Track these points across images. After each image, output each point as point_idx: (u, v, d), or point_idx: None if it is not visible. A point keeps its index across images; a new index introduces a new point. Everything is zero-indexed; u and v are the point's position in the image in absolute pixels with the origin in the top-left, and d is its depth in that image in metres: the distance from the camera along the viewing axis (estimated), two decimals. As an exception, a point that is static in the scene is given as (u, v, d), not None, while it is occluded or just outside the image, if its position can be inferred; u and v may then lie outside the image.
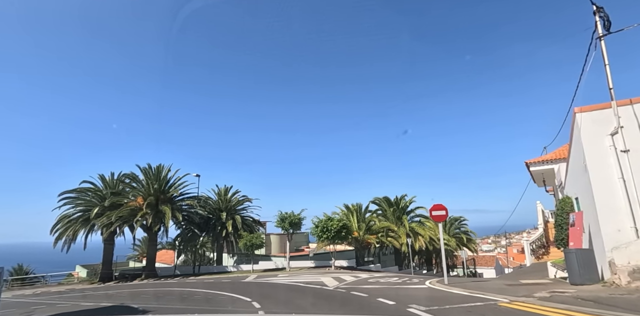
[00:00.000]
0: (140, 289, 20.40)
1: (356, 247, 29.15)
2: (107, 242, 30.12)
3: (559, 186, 18.05)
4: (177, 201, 30.68)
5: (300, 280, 17.50)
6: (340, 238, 24.45)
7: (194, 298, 13.40)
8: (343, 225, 24.43)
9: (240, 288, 16.06)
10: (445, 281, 12.27)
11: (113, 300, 14.92)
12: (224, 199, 33.76)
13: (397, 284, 13.94)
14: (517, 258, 70.66)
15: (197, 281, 22.46)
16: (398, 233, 29.10)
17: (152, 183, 29.15)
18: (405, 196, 32.67)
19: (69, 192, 30.12)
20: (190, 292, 15.72)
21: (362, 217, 29.93)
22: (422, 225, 30.38)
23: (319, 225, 24.47)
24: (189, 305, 11.73)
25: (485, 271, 49.54)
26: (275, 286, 16.32)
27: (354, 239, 27.80)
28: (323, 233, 24.16)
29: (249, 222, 33.99)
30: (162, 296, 14.76)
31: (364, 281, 15.50)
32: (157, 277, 28.21)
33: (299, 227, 26.37)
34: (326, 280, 16.49)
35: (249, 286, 17.33)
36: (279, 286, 16.11)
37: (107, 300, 15.18)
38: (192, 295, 14.22)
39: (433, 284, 12.58)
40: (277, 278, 19.71)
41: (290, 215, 26.10)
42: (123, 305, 12.93)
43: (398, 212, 31.45)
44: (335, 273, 20.96)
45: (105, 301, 14.29)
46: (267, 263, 30.42)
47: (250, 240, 26.54)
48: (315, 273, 21.76)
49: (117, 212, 26.87)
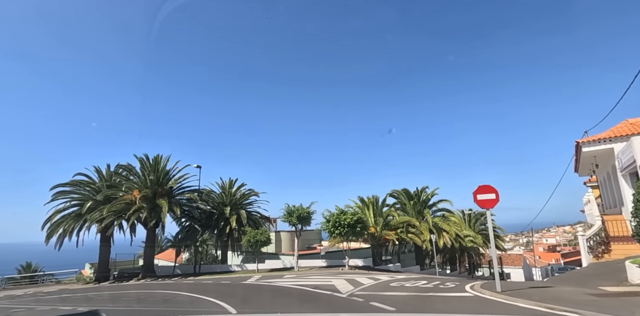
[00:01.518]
0: (126, 291, 18.36)
1: (372, 245, 26.15)
2: (103, 240, 27.92)
3: (624, 168, 14.66)
4: (176, 194, 28.24)
5: (308, 283, 14.67)
6: (354, 234, 21.49)
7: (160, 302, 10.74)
8: (358, 219, 21.46)
9: (233, 293, 13.47)
10: (498, 287, 9.19)
11: (92, 303, 13.86)
12: (228, 193, 31.18)
13: (428, 290, 10.92)
14: (544, 257, 66.38)
15: (194, 282, 20.02)
16: (420, 228, 25.95)
17: (148, 175, 26.76)
18: (426, 188, 29.48)
19: (62, 185, 27.99)
20: (172, 295, 13.85)
21: (379, 211, 26.87)
22: (447, 220, 27.16)
23: (331, 219, 21.56)
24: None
25: (513, 271, 45.81)
26: (277, 290, 13.50)
27: (370, 235, 24.80)
28: (335, 229, 21.23)
29: (256, 217, 31.35)
30: (144, 299, 13.50)
31: (386, 286, 12.53)
32: (155, 277, 25.83)
33: (308, 221, 23.51)
34: (338, 283, 13.59)
35: (245, 290, 14.61)
36: (280, 290, 13.29)
37: (86, 303, 13.98)
38: (172, 299, 12.70)
39: (480, 291, 9.52)
40: (282, 280, 16.92)
41: (298, 208, 23.27)
42: (91, 311, 11.14)
43: (419, 205, 28.26)
44: (349, 275, 18.03)
45: (84, 305, 13.00)
46: (274, 262, 27.72)
47: (254, 236, 23.82)
48: (326, 274, 18.88)
49: (109, 206, 24.54)
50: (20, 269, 34.28)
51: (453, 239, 26.35)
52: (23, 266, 34.70)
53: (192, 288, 16.05)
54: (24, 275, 32.03)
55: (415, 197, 28.55)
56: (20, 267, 34.67)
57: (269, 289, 14.04)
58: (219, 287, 16.30)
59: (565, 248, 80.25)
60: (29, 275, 32.04)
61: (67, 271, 33.60)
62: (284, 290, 13.30)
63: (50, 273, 33.83)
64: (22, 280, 30.12)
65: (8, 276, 30.84)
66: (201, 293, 13.35)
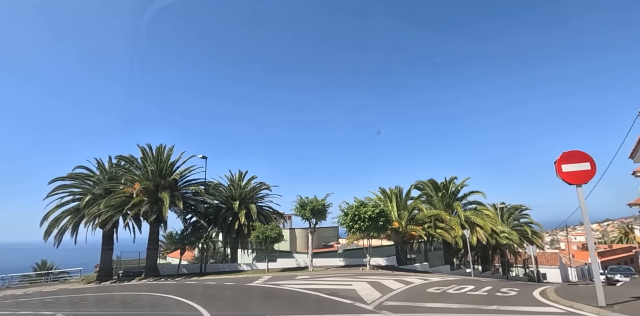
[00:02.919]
0: (119, 293, 16.26)
1: (396, 242, 23.27)
2: (105, 237, 26.02)
3: None
4: (181, 187, 26.04)
5: (323, 286, 12.03)
6: (376, 228, 18.72)
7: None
8: (380, 212, 18.66)
9: (230, 298, 10.95)
10: (601, 299, 6.23)
11: (76, 307, 12.62)
12: (237, 186, 28.83)
13: (486, 301, 8.05)
14: (578, 256, 61.54)
15: (196, 284, 17.80)
16: (449, 223, 22.91)
17: (149, 166, 24.64)
18: (455, 178, 26.32)
19: (61, 178, 26.17)
20: (160, 299, 12.05)
21: (404, 204, 23.94)
22: (480, 214, 23.99)
23: (349, 212, 18.84)
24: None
25: (549, 271, 41.95)
26: (284, 296, 10.89)
27: (394, 231, 21.94)
28: (354, 223, 18.51)
29: (267, 212, 28.89)
30: (128, 303, 12.01)
31: (423, 293, 9.74)
32: (158, 277, 23.74)
33: (323, 215, 20.84)
34: (361, 288, 10.89)
35: (245, 294, 12.10)
36: (288, 296, 10.66)
37: (69, 307, 12.70)
38: (159, 303, 11.09)
39: (569, 304, 6.61)
40: (293, 282, 14.34)
41: (312, 200, 20.64)
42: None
43: (447, 197, 25.16)
44: (372, 276, 15.26)
45: (66, 310, 11.59)
46: (287, 261, 25.21)
47: (264, 232, 21.33)
48: (345, 275, 16.18)
49: (106, 199, 22.51)
50: (35, 267, 33.78)
51: (488, 235, 23.17)
52: (38, 264, 34.18)
53: (187, 292, 13.71)
54: (39, 272, 30.82)
55: (443, 188, 25.46)
56: (35, 265, 34.17)
57: (275, 294, 11.46)
58: (217, 290, 13.87)
59: (600, 247, 74.97)
60: (44, 273, 31.15)
61: (75, 269, 32.81)
62: (292, 295, 10.69)
63: (65, 271, 32.92)
64: (37, 278, 28.95)
65: (24, 273, 30.36)
66: (192, 298, 10.90)
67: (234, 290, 13.58)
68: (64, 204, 25.74)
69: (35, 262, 34.74)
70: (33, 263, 35.33)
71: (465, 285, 11.02)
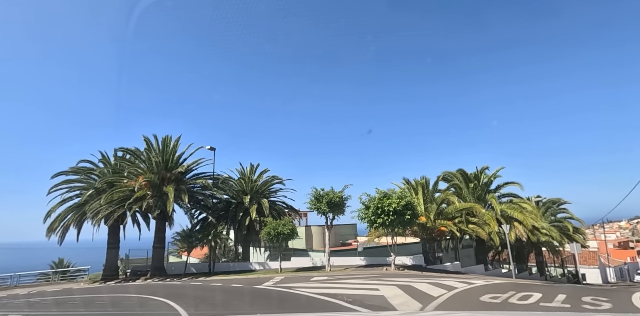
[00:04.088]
0: (111, 294, 15.19)
1: (423, 239, 20.85)
2: (111, 235, 24.60)
3: None
4: (188, 181, 24.31)
5: (344, 291, 9.89)
6: (402, 223, 16.40)
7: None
8: (407, 205, 16.33)
9: (229, 306, 8.87)
10: None
11: (62, 308, 12.14)
12: (249, 180, 26.93)
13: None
14: (616, 255, 57.25)
15: (202, 285, 16.20)
16: (483, 218, 20.34)
17: (154, 158, 23.00)
18: (486, 169, 23.64)
19: (65, 173, 24.87)
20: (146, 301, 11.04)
21: (431, 196, 21.46)
22: (517, 208, 21.31)
23: (371, 205, 16.59)
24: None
25: (588, 272, 38.54)
26: (293, 303, 8.80)
27: (421, 227, 19.55)
28: (377, 217, 16.24)
29: (280, 208, 26.93)
30: (117, 304, 11.56)
31: (477, 304, 7.44)
32: (164, 277, 22.10)
33: (341, 209, 18.65)
34: (391, 295, 8.68)
35: (250, 300, 10.05)
36: (299, 304, 8.57)
37: (56, 308, 12.20)
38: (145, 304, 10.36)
39: None
40: (308, 285, 12.27)
41: (329, 193, 18.48)
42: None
43: (480, 189, 22.54)
44: (401, 279, 12.99)
45: (52, 311, 11.35)
46: (302, 260, 23.16)
47: (276, 228, 19.33)
48: (368, 277, 13.97)
49: (107, 194, 20.96)
50: (52, 265, 33.46)
51: (529, 232, 20.48)
52: (55, 263, 33.89)
53: (183, 294, 11.85)
54: (56, 270, 30.16)
55: (474, 180, 22.85)
56: (52, 263, 33.85)
57: (284, 300, 9.39)
58: (219, 294, 11.93)
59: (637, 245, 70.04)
60: (60, 271, 30.11)
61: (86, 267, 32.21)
62: (306, 303, 8.58)
63: (81, 269, 32.35)
64: (54, 276, 27.77)
65: (40, 271, 29.90)
66: (185, 302, 8.97)
67: (239, 294, 11.61)
68: (67, 200, 24.48)
69: (53, 261, 34.39)
70: (51, 261, 35.39)
71: (529, 292, 8.64)
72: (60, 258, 35.91)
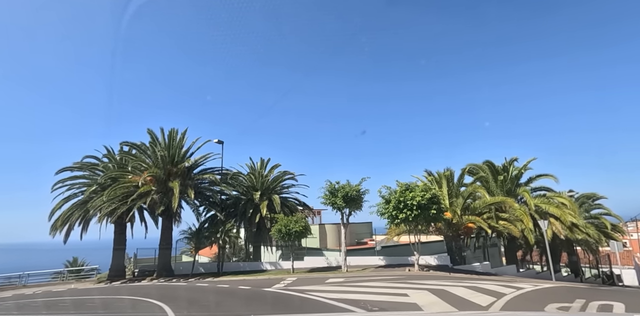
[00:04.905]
0: (101, 296, 13.83)
1: (447, 236, 19.05)
2: (117, 232, 23.58)
3: None
4: (195, 176, 23.06)
5: (364, 296, 8.34)
6: (427, 218, 14.73)
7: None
8: (432, 198, 14.63)
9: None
10: None
11: (52, 310, 11.28)
12: (259, 175, 25.54)
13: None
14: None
15: (207, 286, 15.02)
16: (515, 213, 18.43)
17: (159, 152, 21.83)
18: (515, 160, 21.67)
19: (69, 168, 23.97)
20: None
21: (456, 190, 19.62)
22: (553, 202, 19.30)
23: (392, 198, 14.93)
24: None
25: (623, 272, 35.79)
26: (305, 312, 7.25)
27: (446, 223, 17.77)
28: (399, 212, 14.56)
29: (292, 204, 25.46)
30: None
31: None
32: (170, 277, 20.90)
33: (358, 204, 17.04)
34: (424, 302, 7.08)
35: (254, 308, 8.53)
36: (312, 314, 7.00)
37: (45, 310, 11.38)
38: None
39: None
40: (323, 288, 10.74)
41: (344, 186, 16.89)
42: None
43: (509, 182, 20.59)
44: (429, 281, 11.32)
45: (41, 313, 10.67)
46: (316, 259, 21.63)
47: (287, 224, 17.85)
48: (390, 279, 12.33)
49: (109, 190, 19.86)
50: (67, 263, 33.43)
51: (567, 228, 18.46)
52: (70, 262, 33.97)
53: (183, 298, 10.45)
54: (70, 269, 29.83)
55: (503, 172, 20.90)
56: (67, 262, 33.84)
57: (295, 308, 7.85)
58: (221, 298, 10.51)
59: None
60: (74, 269, 29.66)
61: (94, 266, 31.79)
62: (321, 312, 7.03)
63: (95, 268, 31.90)
64: (68, 274, 27.18)
65: (55, 270, 29.68)
66: (181, 307, 7.55)
67: (244, 299, 10.15)
68: (71, 197, 23.56)
69: (67, 259, 34.29)
70: (65, 260, 35.29)
71: (603, 301, 6.86)
72: (74, 257, 35.93)
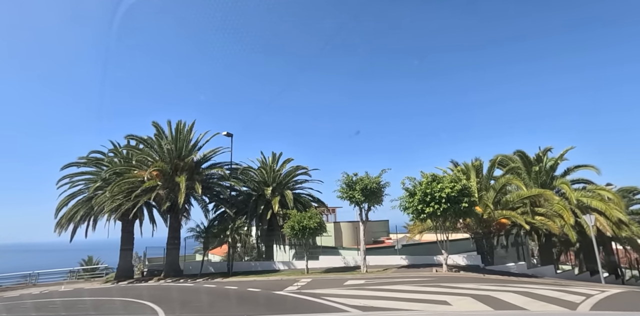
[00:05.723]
0: (99, 297, 13.00)
1: (476, 233, 17.26)
2: (124, 231, 22.64)
3: None
4: (203, 171, 21.87)
5: (394, 303, 6.81)
6: (458, 213, 13.06)
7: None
8: (463, 190, 12.96)
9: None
10: None
11: (42, 312, 10.65)
12: (271, 169, 24.19)
13: None
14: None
15: (215, 287, 13.84)
16: (552, 208, 16.53)
17: (165, 145, 20.71)
18: (550, 149, 19.69)
19: (75, 164, 23.12)
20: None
21: (486, 183, 17.80)
22: (596, 195, 17.29)
23: (417, 190, 13.30)
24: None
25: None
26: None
27: (476, 219, 16.00)
28: (425, 206, 12.93)
29: (306, 200, 24.01)
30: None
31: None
32: (178, 277, 19.74)
33: (378, 197, 15.47)
34: (473, 312, 5.44)
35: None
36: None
37: (35, 312, 10.78)
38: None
39: None
40: (342, 291, 9.25)
41: (363, 178, 15.32)
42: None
43: (544, 174, 18.66)
44: (467, 285, 9.68)
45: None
46: (332, 258, 20.13)
47: (300, 221, 16.42)
48: (419, 282, 10.73)
49: (112, 186, 18.81)
50: (82, 262, 33.83)
51: (613, 224, 16.46)
52: (85, 260, 34.30)
53: (181, 301, 9.11)
54: (85, 267, 30.16)
55: (537, 162, 18.97)
56: (82, 261, 34.27)
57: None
58: (226, 302, 9.11)
59: None
60: (91, 267, 29.92)
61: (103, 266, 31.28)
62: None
63: (108, 267, 31.56)
64: (83, 273, 27.27)
65: (70, 269, 29.76)
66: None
67: (249, 304, 8.76)
68: (76, 194, 22.72)
69: (82, 258, 34.47)
70: (81, 259, 34.94)
71: None
72: (89, 256, 35.99)
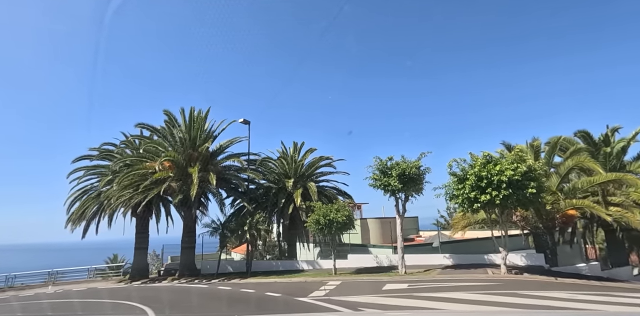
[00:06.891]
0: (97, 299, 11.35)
1: (536, 228, 14.51)
2: (139, 228, 21.25)
3: None
4: (219, 161, 20.10)
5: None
6: (524, 201, 10.52)
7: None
8: (527, 172, 10.43)
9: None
10: None
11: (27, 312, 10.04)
12: (292, 160, 22.13)
13: None
14: None
15: (231, 290, 12.04)
16: (630, 197, 13.65)
17: (178, 134, 19.07)
18: (618, 129, 16.66)
19: (87, 157, 21.92)
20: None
21: (546, 168, 15.01)
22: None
23: (470, 174, 10.82)
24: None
25: None
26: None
27: (539, 210, 13.29)
28: (481, 193, 10.46)
29: (330, 193, 21.78)
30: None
31: None
32: (193, 277, 18.08)
33: (418, 185, 13.06)
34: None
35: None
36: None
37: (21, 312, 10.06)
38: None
39: None
40: (382, 300, 7.08)
41: (400, 162, 12.96)
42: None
43: (614, 158, 15.69)
44: (546, 293, 7.26)
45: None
46: (362, 257, 17.83)
47: (327, 214, 14.24)
48: (479, 287, 8.35)
49: (120, 178, 17.29)
50: (107, 260, 34.24)
51: None
52: (110, 258, 34.62)
53: (184, 307, 7.16)
54: (110, 265, 30.42)
55: (602, 145, 16.00)
56: (107, 259, 34.65)
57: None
58: (238, 310, 7.08)
59: None
60: (115, 265, 29.57)
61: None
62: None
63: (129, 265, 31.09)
64: (109, 271, 27.31)
65: (96, 266, 29.28)
66: None
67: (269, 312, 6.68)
68: (88, 188, 21.51)
69: (108, 256, 34.61)
70: (107, 257, 35.04)
71: None
72: (114, 254, 35.68)
